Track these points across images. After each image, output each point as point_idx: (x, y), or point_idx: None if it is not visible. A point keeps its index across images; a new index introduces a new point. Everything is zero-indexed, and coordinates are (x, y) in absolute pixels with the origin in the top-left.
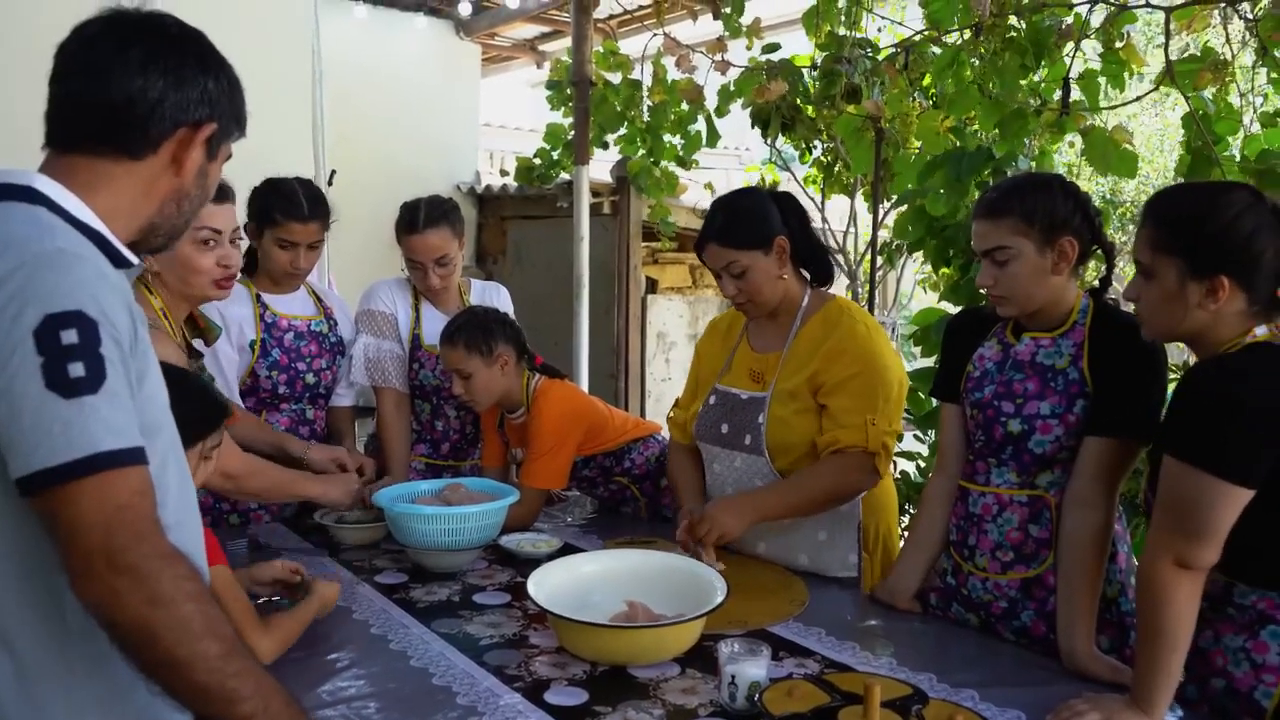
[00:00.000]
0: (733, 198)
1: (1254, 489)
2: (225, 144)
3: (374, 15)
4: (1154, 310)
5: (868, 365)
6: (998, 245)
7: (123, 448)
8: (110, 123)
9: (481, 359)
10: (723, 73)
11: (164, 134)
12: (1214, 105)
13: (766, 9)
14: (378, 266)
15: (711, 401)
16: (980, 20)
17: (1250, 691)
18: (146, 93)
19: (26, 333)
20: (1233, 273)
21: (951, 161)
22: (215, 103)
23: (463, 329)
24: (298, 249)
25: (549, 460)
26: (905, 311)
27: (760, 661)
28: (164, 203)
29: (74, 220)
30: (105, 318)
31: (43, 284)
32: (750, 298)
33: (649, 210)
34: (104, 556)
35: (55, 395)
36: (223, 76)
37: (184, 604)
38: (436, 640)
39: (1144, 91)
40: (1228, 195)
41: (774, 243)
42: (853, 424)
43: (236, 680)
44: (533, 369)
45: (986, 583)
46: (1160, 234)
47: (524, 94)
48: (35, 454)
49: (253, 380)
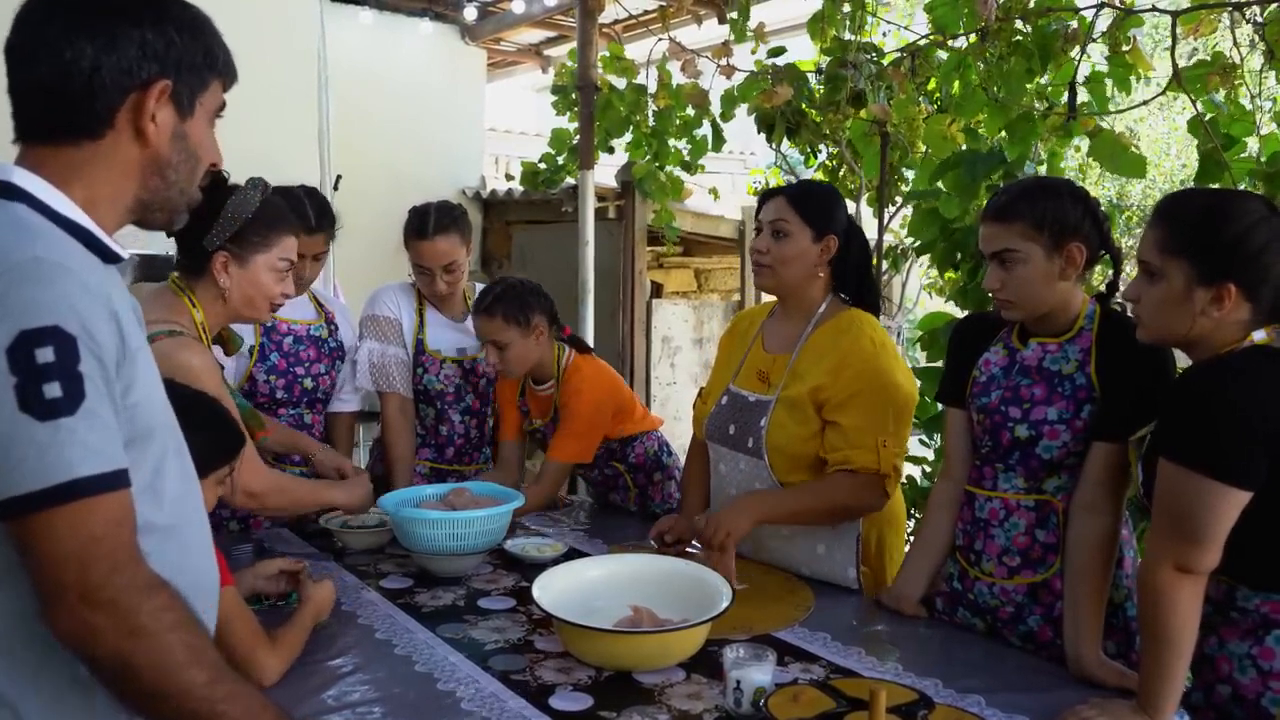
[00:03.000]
0: (817, 183)
1: (1251, 491)
2: (201, 95)
3: (379, 20)
4: (1155, 312)
5: (873, 382)
6: (1006, 248)
7: (100, 473)
8: (52, 106)
9: (519, 330)
10: (728, 77)
11: (113, 104)
12: (1227, 108)
13: (771, 14)
14: (382, 271)
15: (724, 402)
16: (986, 24)
17: (1258, 698)
18: (78, 63)
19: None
20: (1241, 282)
21: (965, 163)
22: (162, 55)
23: (500, 300)
24: (303, 260)
25: (582, 439)
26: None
27: (765, 667)
28: (144, 178)
29: (56, 216)
30: (85, 332)
31: (18, 298)
32: (775, 262)
33: (654, 215)
34: (78, 591)
35: (29, 418)
36: (164, 24)
37: (165, 635)
38: (441, 645)
39: (1151, 96)
40: (1244, 204)
41: (826, 236)
42: (865, 444)
43: (225, 705)
44: (561, 340)
45: (993, 588)
46: (1171, 236)
47: (529, 99)
48: (7, 480)
49: (251, 385)
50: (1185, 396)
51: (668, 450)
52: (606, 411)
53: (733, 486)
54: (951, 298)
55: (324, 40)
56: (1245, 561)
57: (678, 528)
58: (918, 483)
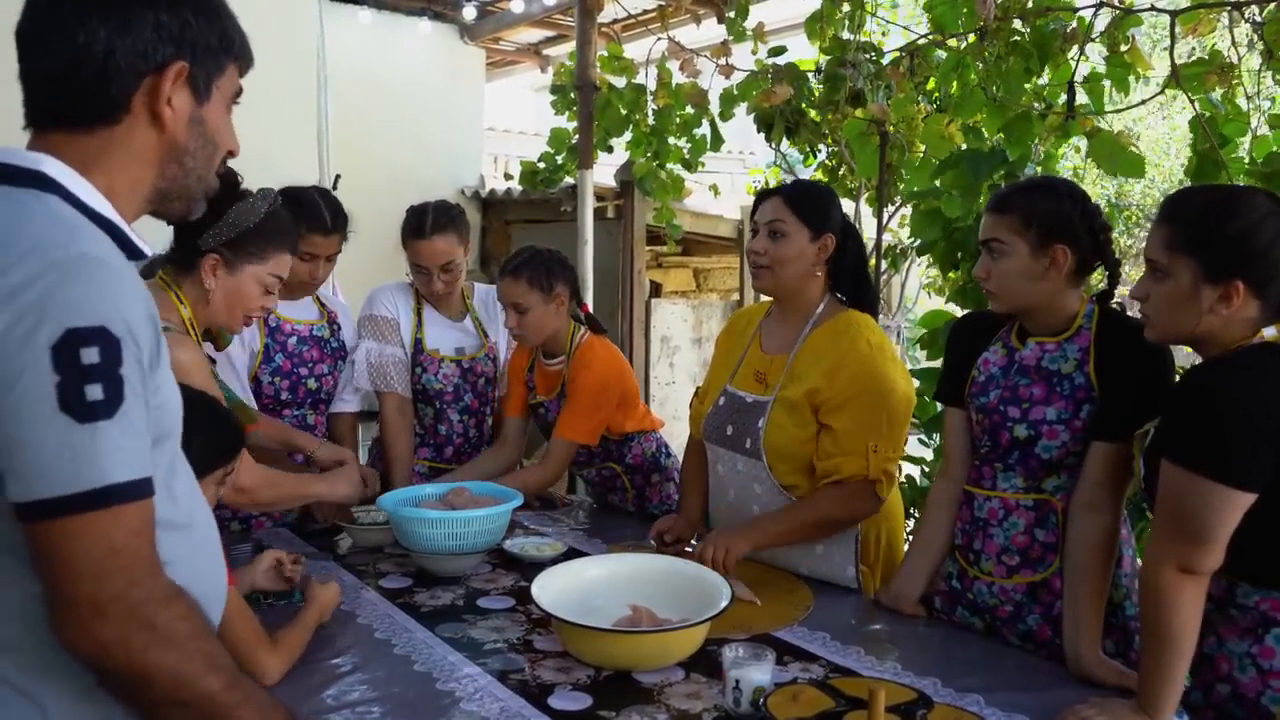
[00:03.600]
0: (812, 183)
1: (1255, 492)
2: (218, 79)
3: (378, 20)
4: (1163, 311)
5: (869, 385)
6: (994, 238)
7: (131, 480)
8: (67, 92)
9: (541, 295)
10: (727, 77)
11: (128, 88)
12: (1223, 107)
13: (770, 13)
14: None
15: (721, 403)
16: (984, 24)
17: (1257, 697)
18: (91, 48)
19: (43, 348)
20: (1248, 278)
21: (967, 162)
22: (177, 37)
23: (527, 264)
24: (317, 261)
25: (588, 417)
26: (910, 315)
27: (765, 666)
28: (162, 164)
29: (86, 210)
30: (129, 334)
31: (65, 295)
32: (773, 263)
33: (653, 214)
34: (91, 606)
35: (68, 418)
36: (180, 5)
37: (184, 645)
38: (441, 645)
39: (1149, 95)
40: (1250, 200)
41: (823, 235)
42: (854, 450)
43: (240, 710)
44: (578, 320)
45: (992, 587)
46: (1178, 233)
47: (528, 98)
48: (39, 481)
49: (255, 386)
50: (1188, 397)
51: (666, 452)
52: (613, 393)
53: (731, 488)
54: (951, 298)
55: (323, 40)
56: (1246, 559)
57: (677, 527)
58: (918, 482)
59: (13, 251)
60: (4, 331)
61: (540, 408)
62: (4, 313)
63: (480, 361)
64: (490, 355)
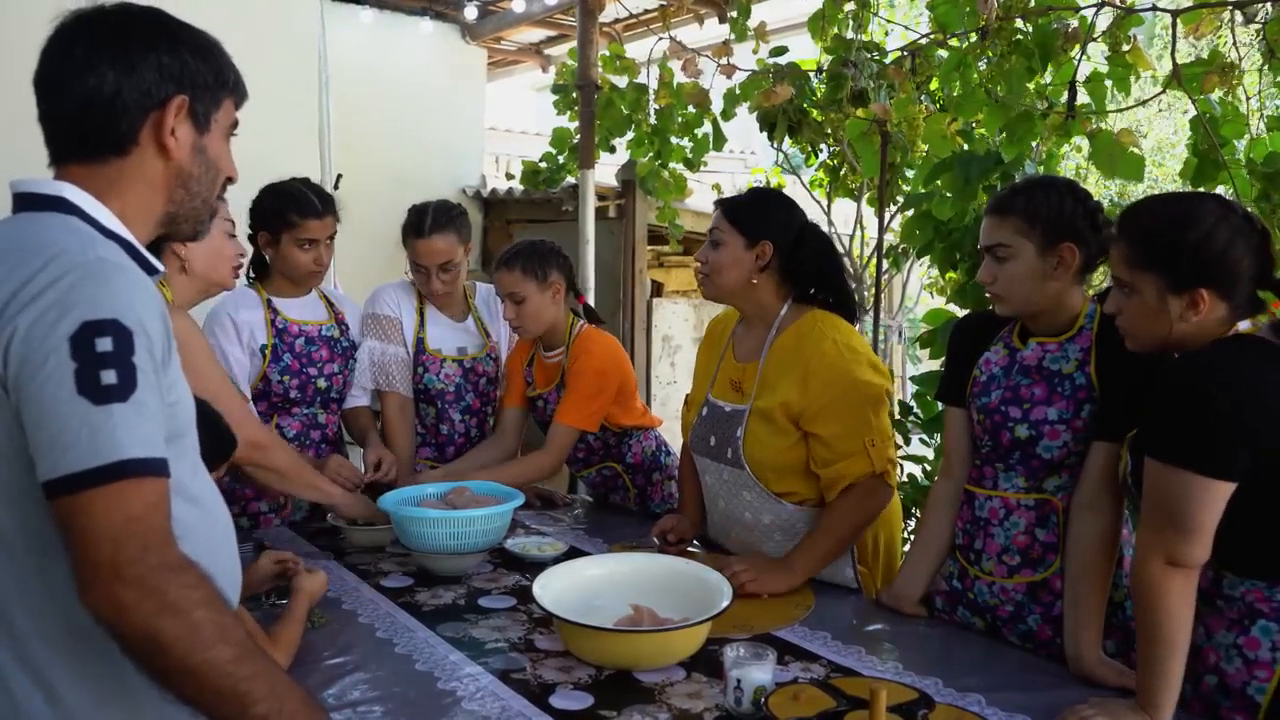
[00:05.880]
0: (767, 190)
1: (1235, 481)
2: (215, 113)
3: (380, 19)
4: (1136, 324)
5: (843, 386)
6: (999, 242)
7: (146, 457)
8: (82, 131)
9: (536, 283)
10: (728, 76)
11: (135, 123)
12: (1220, 108)
13: (772, 13)
14: (383, 270)
15: (704, 413)
16: (986, 23)
17: (1243, 687)
18: (101, 90)
19: (63, 338)
20: (1212, 285)
21: (959, 165)
22: (178, 76)
23: (520, 253)
24: (318, 245)
25: (588, 401)
26: (911, 315)
27: (766, 666)
28: (170, 190)
29: (103, 229)
30: (141, 328)
31: (83, 293)
32: (711, 271)
33: (655, 213)
34: (111, 569)
35: (86, 401)
36: (178, 46)
37: (193, 612)
38: (442, 644)
39: (1151, 95)
40: (1200, 207)
41: (759, 243)
42: (853, 452)
43: (250, 684)
44: (575, 312)
45: (993, 587)
46: (1135, 251)
47: (529, 98)
48: (62, 458)
49: (264, 385)
50: (1164, 392)
51: (666, 450)
52: (612, 380)
53: (721, 498)
54: (951, 298)
55: (324, 39)
56: (1230, 548)
57: (679, 527)
58: (918, 482)
59: (39, 259)
60: (30, 326)
61: (539, 400)
62: (31, 310)
63: (482, 361)
64: (492, 355)
